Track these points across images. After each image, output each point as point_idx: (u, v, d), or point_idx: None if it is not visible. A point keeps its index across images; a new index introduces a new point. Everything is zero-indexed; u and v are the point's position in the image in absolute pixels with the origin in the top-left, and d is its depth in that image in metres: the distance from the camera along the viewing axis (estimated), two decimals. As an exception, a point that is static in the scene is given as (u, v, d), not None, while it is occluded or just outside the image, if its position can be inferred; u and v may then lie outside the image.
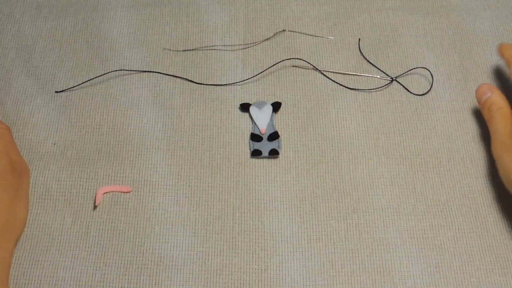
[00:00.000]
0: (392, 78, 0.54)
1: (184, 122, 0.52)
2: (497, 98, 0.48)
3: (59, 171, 0.49)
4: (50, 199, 0.48)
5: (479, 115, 0.52)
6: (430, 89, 0.54)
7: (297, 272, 0.45)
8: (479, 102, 0.50)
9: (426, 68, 0.55)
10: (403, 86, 0.54)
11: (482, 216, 0.47)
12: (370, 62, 0.55)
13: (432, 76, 0.54)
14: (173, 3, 0.59)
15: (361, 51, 0.56)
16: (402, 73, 0.54)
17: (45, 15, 0.58)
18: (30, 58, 0.55)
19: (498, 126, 0.47)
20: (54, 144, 0.51)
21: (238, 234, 0.47)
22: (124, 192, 0.48)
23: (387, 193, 0.49)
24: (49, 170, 0.49)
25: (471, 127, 0.52)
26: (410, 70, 0.55)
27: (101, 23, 0.57)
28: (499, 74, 0.55)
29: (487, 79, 0.54)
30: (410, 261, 0.46)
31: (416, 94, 0.53)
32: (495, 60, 0.56)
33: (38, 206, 0.48)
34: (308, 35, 0.57)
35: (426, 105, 0.53)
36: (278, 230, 0.47)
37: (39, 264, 0.45)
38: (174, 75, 0.54)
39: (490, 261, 0.45)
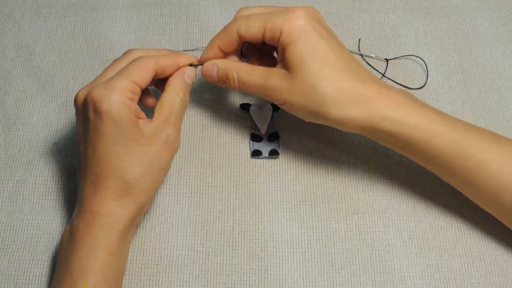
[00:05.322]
0: (383, 75, 0.54)
1: (184, 122, 0.52)
2: (225, 64, 0.45)
3: (59, 170, 0.49)
4: (50, 198, 0.48)
5: (479, 116, 0.52)
6: (426, 81, 0.54)
7: (297, 273, 0.45)
8: (214, 81, 0.46)
9: (419, 57, 0.55)
10: (402, 85, 0.54)
11: (481, 217, 0.47)
12: (369, 64, 0.55)
13: (426, 66, 0.55)
14: (173, 3, 0.59)
15: (361, 51, 0.56)
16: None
17: (45, 15, 0.58)
18: (30, 58, 0.55)
19: (254, 78, 0.44)
20: (54, 144, 0.51)
21: (238, 235, 0.47)
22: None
23: (387, 193, 0.49)
24: (49, 169, 0.49)
25: (471, 128, 0.52)
26: (402, 56, 0.55)
27: (101, 23, 0.57)
28: (499, 74, 0.55)
29: (487, 79, 0.54)
30: (410, 262, 0.46)
31: (415, 88, 0.53)
32: (495, 60, 0.56)
33: (38, 206, 0.48)
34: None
35: (426, 106, 0.53)
36: (278, 230, 0.47)
37: (40, 263, 0.45)
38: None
39: (490, 262, 0.45)
